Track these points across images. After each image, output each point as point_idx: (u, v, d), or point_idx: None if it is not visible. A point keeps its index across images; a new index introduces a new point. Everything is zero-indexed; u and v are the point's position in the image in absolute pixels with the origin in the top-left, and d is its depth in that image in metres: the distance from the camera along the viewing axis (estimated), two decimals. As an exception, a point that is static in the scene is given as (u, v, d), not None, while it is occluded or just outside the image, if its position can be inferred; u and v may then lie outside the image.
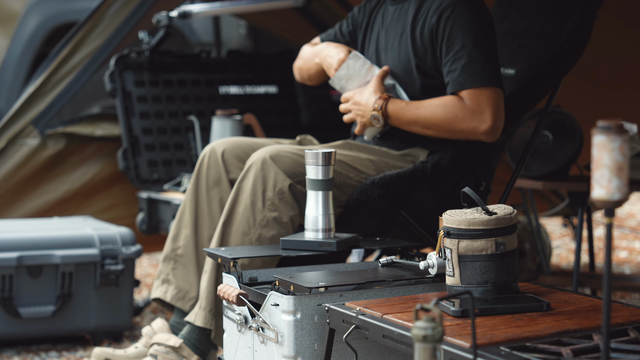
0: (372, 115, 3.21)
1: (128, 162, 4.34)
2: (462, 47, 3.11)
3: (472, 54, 3.10)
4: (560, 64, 3.32)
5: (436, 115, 3.14)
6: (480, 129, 3.12)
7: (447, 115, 3.13)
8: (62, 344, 3.85)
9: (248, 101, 4.61)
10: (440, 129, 3.15)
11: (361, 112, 3.26)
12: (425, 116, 3.16)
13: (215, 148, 3.27)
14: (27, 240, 3.75)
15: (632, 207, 6.57)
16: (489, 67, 3.11)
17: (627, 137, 1.88)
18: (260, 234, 3.08)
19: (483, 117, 3.11)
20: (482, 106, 3.10)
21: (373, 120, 3.22)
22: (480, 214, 2.49)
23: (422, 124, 3.17)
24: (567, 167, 3.92)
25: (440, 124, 3.14)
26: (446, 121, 3.13)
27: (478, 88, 3.10)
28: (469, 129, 3.13)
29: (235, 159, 3.26)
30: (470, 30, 3.12)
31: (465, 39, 3.11)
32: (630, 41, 4.31)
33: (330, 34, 3.54)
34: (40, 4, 6.50)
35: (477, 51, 3.11)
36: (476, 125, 3.12)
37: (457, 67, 3.12)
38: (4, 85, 6.55)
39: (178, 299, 3.28)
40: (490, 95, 3.11)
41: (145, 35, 4.48)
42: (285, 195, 3.08)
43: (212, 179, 3.26)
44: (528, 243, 4.49)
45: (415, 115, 3.17)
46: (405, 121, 3.20)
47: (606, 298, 1.93)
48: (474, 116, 3.11)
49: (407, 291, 2.67)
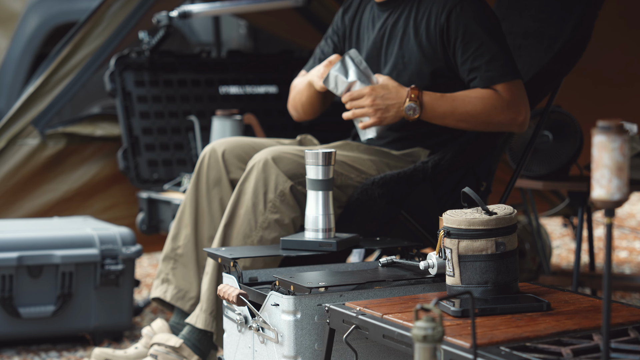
0: (407, 106, 3.10)
1: (128, 162, 4.34)
2: (481, 44, 3.12)
3: (493, 49, 3.11)
4: (560, 65, 3.32)
5: (475, 108, 3.11)
6: (518, 120, 3.13)
7: (486, 108, 3.11)
8: (62, 344, 3.85)
9: (248, 101, 4.61)
10: (477, 121, 3.13)
11: (384, 107, 3.11)
12: (464, 108, 3.11)
13: (216, 148, 3.27)
14: (27, 240, 3.75)
15: (632, 207, 6.57)
16: (511, 60, 3.14)
17: (627, 137, 1.88)
18: (262, 236, 3.07)
19: (519, 109, 3.13)
20: (517, 98, 3.12)
21: (408, 111, 3.11)
22: (481, 214, 2.49)
23: (458, 116, 3.13)
24: (567, 167, 3.92)
25: (478, 116, 3.12)
26: (484, 113, 3.11)
27: (509, 82, 3.12)
28: (507, 121, 3.13)
29: (235, 159, 3.26)
30: (484, 26, 3.13)
31: (482, 35, 3.12)
32: (631, 39, 4.31)
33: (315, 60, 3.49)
34: (40, 4, 6.50)
35: (497, 46, 3.12)
36: (513, 116, 3.13)
37: (480, 63, 3.11)
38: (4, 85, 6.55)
39: (178, 299, 3.28)
40: (520, 87, 3.14)
41: (145, 35, 4.48)
42: (287, 197, 3.08)
43: (212, 178, 3.26)
44: (528, 243, 4.49)
45: (452, 107, 3.12)
46: (440, 113, 3.14)
47: (606, 298, 1.93)
48: (511, 108, 3.11)
49: (407, 291, 2.68)
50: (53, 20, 6.41)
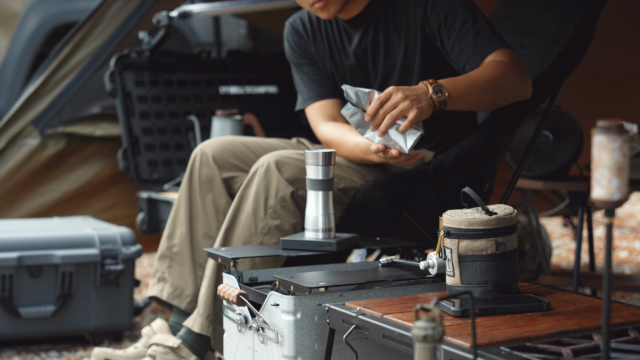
0: (434, 88, 2.86)
1: (128, 162, 4.34)
2: (463, 24, 3.06)
3: (477, 25, 3.06)
4: (563, 65, 3.32)
5: (489, 75, 2.97)
6: (527, 78, 3.03)
7: (498, 71, 2.98)
8: (62, 344, 3.85)
9: (248, 101, 4.61)
10: (497, 86, 2.97)
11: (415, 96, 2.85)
12: (480, 78, 2.96)
13: (205, 149, 3.28)
14: (27, 240, 3.75)
15: (632, 207, 6.57)
16: (496, 32, 3.08)
17: (627, 137, 1.88)
18: (262, 242, 3.07)
19: (522, 69, 3.04)
20: (516, 59, 3.04)
21: (436, 94, 2.86)
22: (481, 214, 2.49)
23: (479, 88, 2.95)
24: (567, 167, 3.92)
25: (495, 80, 2.97)
26: (499, 77, 2.97)
27: (500, 49, 3.05)
28: (519, 81, 3.01)
29: (227, 157, 3.26)
30: (459, 6, 3.08)
31: (461, 16, 3.07)
32: (631, 39, 4.31)
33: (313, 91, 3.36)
34: (40, 4, 6.50)
35: (478, 22, 3.07)
36: (522, 74, 3.02)
37: (467, 41, 3.05)
38: (4, 85, 6.55)
39: (174, 297, 3.29)
40: (513, 52, 3.06)
41: (145, 35, 4.48)
42: (287, 203, 3.07)
43: (204, 176, 3.26)
44: (528, 243, 4.49)
45: (470, 80, 2.96)
46: (462, 89, 2.92)
47: (606, 298, 1.92)
48: (516, 67, 3.02)
49: (407, 291, 2.67)
50: (53, 20, 6.41)
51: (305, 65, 3.37)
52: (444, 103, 2.89)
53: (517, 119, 3.29)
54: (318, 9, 3.15)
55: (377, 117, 2.86)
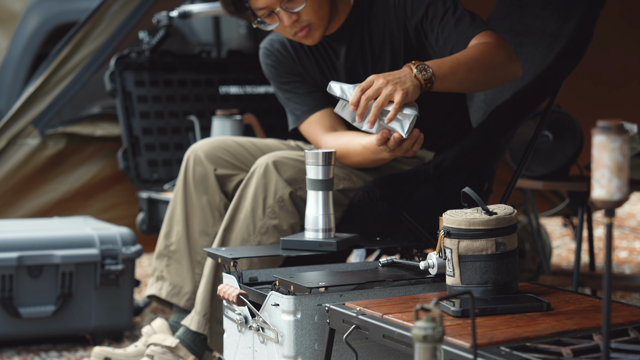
0: (418, 67, 2.82)
1: (128, 162, 4.34)
2: (443, 15, 3.05)
3: (457, 14, 3.04)
4: (562, 64, 3.32)
5: (475, 53, 2.94)
6: (515, 57, 2.99)
7: (483, 50, 2.95)
8: (62, 344, 3.85)
9: (248, 101, 4.61)
10: (484, 65, 2.93)
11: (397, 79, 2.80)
12: (465, 56, 2.93)
13: (197, 150, 3.29)
14: (27, 240, 3.75)
15: (632, 207, 6.57)
16: (476, 17, 3.06)
17: (627, 137, 1.88)
18: (260, 242, 3.08)
19: (508, 48, 3.00)
20: (500, 39, 3.02)
21: (421, 72, 2.82)
22: (481, 214, 2.49)
23: (465, 66, 2.90)
24: (567, 167, 3.92)
25: (482, 59, 2.93)
26: (485, 55, 2.94)
27: (483, 31, 3.03)
28: (506, 59, 2.96)
29: (220, 155, 3.27)
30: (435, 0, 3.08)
31: (444, 5, 3.05)
32: (631, 39, 4.31)
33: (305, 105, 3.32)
34: (40, 4, 6.50)
35: (459, 10, 3.05)
36: (509, 52, 2.98)
37: (450, 30, 3.03)
38: (4, 85, 6.55)
39: (173, 295, 3.29)
40: (496, 34, 3.03)
41: (145, 35, 4.48)
42: (286, 203, 3.08)
43: (198, 174, 3.27)
44: (528, 243, 4.49)
45: (455, 60, 2.92)
46: (448, 68, 2.87)
47: (606, 298, 1.92)
48: (501, 45, 2.99)
49: (407, 291, 2.67)
50: (53, 20, 6.41)
51: (292, 83, 3.33)
52: (429, 81, 2.84)
53: (517, 119, 3.30)
54: (302, 38, 3.15)
55: (360, 105, 2.80)
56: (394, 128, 2.84)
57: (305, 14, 3.10)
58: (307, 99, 3.31)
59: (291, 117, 3.36)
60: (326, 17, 3.14)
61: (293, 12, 3.08)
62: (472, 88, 3.03)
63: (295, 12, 3.09)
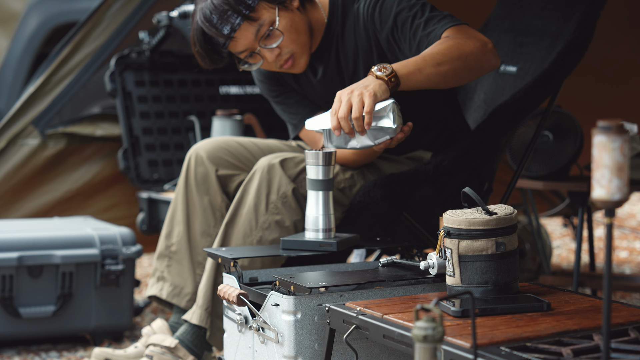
0: (376, 67, 2.80)
1: (128, 162, 4.34)
2: (413, 19, 3.02)
3: (424, 16, 3.02)
4: (562, 64, 3.32)
5: (440, 47, 2.90)
6: (489, 45, 2.94)
7: (449, 42, 2.91)
8: (63, 344, 3.85)
9: (248, 101, 4.61)
10: (453, 57, 2.88)
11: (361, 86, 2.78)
12: (430, 51, 2.89)
13: (198, 150, 3.29)
14: (27, 240, 3.75)
15: (632, 207, 6.57)
16: (446, 14, 3.02)
17: (627, 137, 1.88)
18: (262, 237, 3.08)
19: (479, 37, 2.95)
20: (469, 31, 2.97)
21: (379, 71, 2.79)
22: (481, 214, 2.49)
23: (431, 61, 2.86)
24: (567, 167, 3.92)
25: (448, 51, 2.88)
26: (454, 47, 2.89)
27: (452, 27, 2.98)
28: (479, 49, 2.92)
29: (222, 155, 3.27)
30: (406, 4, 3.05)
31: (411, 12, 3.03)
32: (632, 38, 4.31)
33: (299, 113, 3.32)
34: (40, 4, 6.51)
35: (426, 12, 3.03)
36: (482, 43, 2.93)
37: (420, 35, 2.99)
38: (5, 85, 6.55)
39: (174, 296, 3.30)
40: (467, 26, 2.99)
41: (145, 35, 4.48)
42: (289, 199, 3.08)
43: (200, 175, 3.28)
44: (528, 243, 4.49)
45: (420, 56, 2.88)
46: (412, 65, 2.84)
47: (606, 298, 1.93)
48: (473, 37, 2.94)
49: (407, 291, 2.68)
50: (53, 20, 6.41)
51: (282, 94, 3.35)
52: (393, 76, 2.80)
53: (517, 119, 3.30)
54: (289, 69, 3.17)
55: (342, 125, 2.78)
56: (382, 125, 2.83)
57: (285, 47, 3.11)
58: (301, 106, 3.33)
59: (290, 127, 3.39)
60: (307, 43, 3.16)
61: (273, 47, 3.10)
62: (444, 82, 2.95)
63: (276, 47, 3.10)
